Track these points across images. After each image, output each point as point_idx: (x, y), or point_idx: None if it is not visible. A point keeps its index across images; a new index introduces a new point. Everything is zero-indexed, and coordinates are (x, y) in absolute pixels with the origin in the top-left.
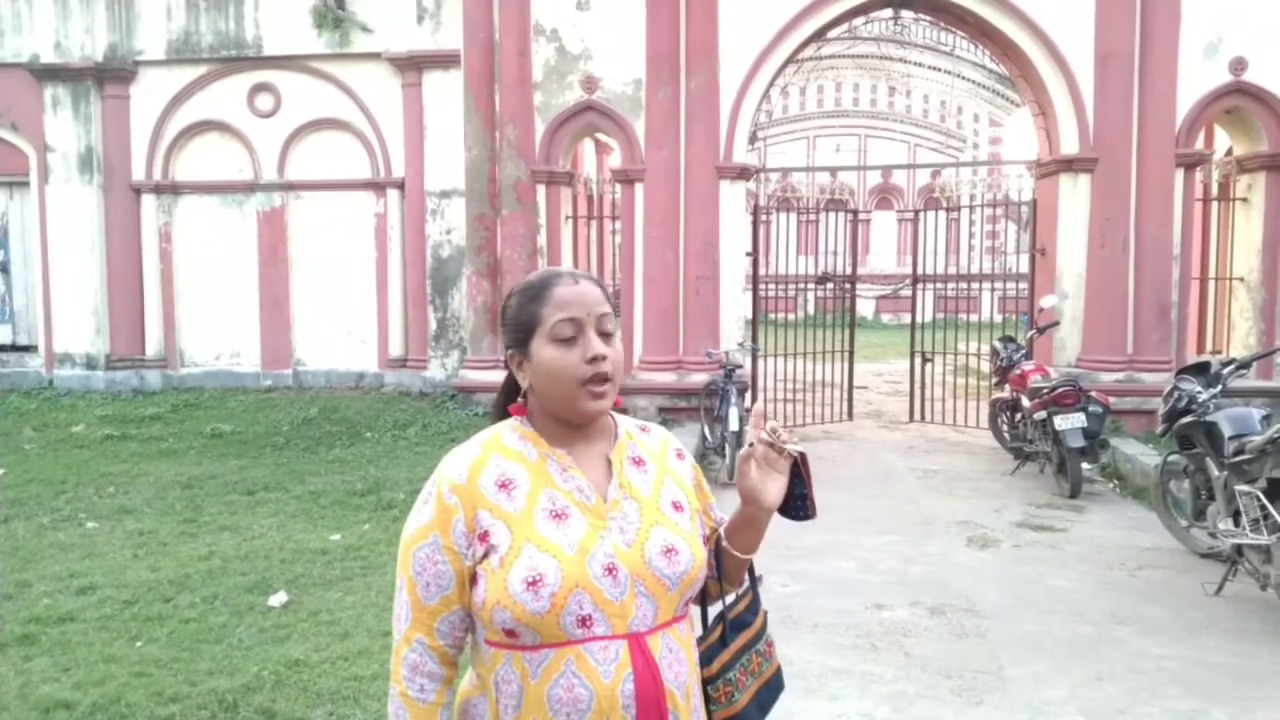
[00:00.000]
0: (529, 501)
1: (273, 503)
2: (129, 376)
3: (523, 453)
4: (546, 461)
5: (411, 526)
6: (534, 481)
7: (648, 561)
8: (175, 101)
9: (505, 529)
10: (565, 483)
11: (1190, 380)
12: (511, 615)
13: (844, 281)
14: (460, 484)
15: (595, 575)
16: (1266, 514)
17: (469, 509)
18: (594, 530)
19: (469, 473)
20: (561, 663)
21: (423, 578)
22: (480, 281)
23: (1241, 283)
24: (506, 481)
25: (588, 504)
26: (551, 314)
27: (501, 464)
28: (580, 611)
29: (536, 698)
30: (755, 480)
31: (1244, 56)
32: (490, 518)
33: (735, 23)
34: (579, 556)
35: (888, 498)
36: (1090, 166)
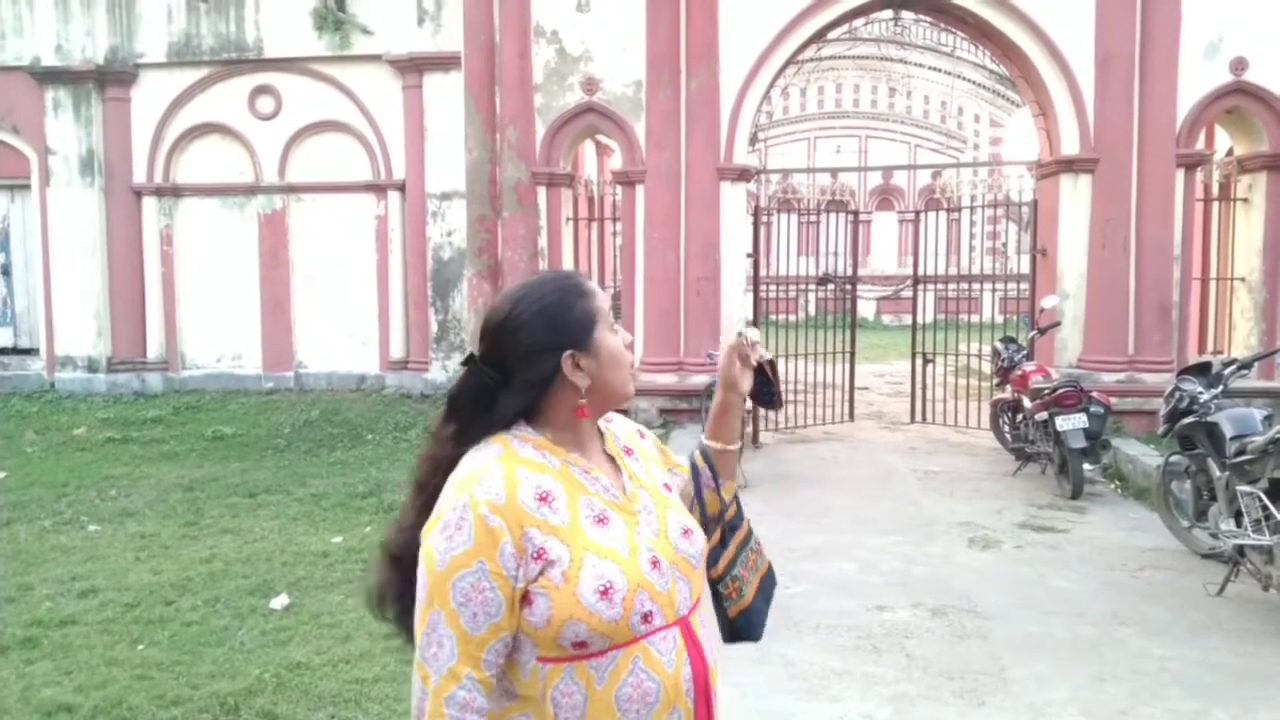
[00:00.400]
0: (571, 511)
1: (274, 505)
2: (130, 379)
3: (544, 463)
4: (569, 469)
5: (444, 556)
6: (568, 491)
7: (675, 546)
8: (176, 104)
9: (560, 543)
10: (593, 486)
11: (1191, 381)
12: (587, 627)
13: (845, 282)
14: (500, 504)
15: (647, 571)
16: (1268, 514)
17: (515, 529)
18: (631, 527)
19: (506, 491)
20: (629, 661)
21: (468, 608)
22: (481, 283)
23: (1243, 283)
24: (544, 495)
25: (617, 503)
26: (602, 305)
27: (531, 477)
28: (643, 609)
29: (604, 702)
30: (736, 372)
31: (1244, 56)
32: (541, 534)
33: (735, 24)
34: (632, 557)
35: (889, 499)
36: (1091, 167)
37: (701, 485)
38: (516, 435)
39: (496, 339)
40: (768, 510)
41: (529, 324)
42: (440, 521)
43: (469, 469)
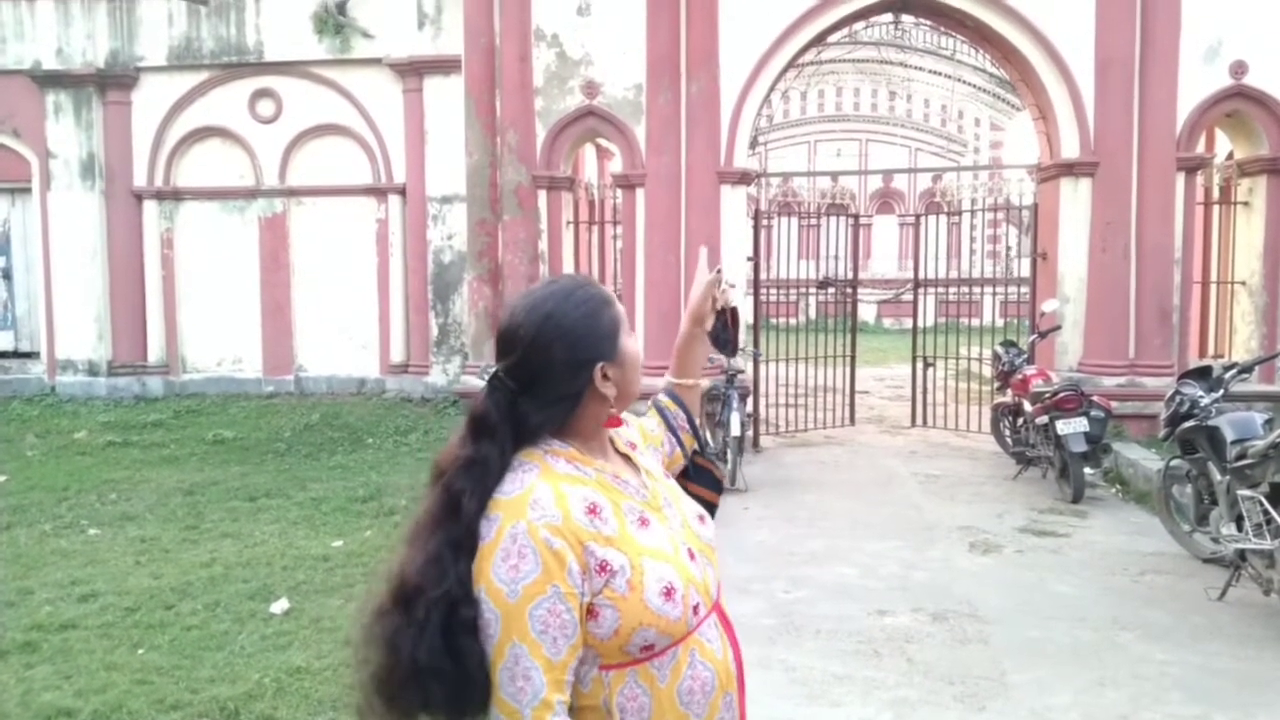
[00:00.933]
0: (618, 519)
1: (274, 509)
2: (131, 383)
3: (582, 476)
4: (603, 476)
5: (514, 588)
6: (610, 499)
7: (698, 534)
8: (177, 107)
9: (618, 552)
10: (626, 490)
11: (1192, 385)
12: (656, 630)
13: (845, 286)
14: (559, 525)
15: (688, 564)
16: (1269, 519)
17: (576, 547)
18: (665, 523)
19: (560, 510)
20: (687, 655)
21: (548, 634)
22: (482, 287)
23: (1243, 286)
24: (592, 507)
25: (647, 501)
26: (622, 311)
27: (576, 491)
28: (694, 600)
29: (669, 699)
30: (706, 308)
31: (1244, 60)
32: (599, 547)
33: (735, 28)
34: (676, 553)
35: (890, 503)
36: (1091, 170)
37: (676, 426)
38: (548, 451)
39: (530, 352)
40: (768, 514)
41: (564, 338)
42: (498, 551)
43: (514, 492)
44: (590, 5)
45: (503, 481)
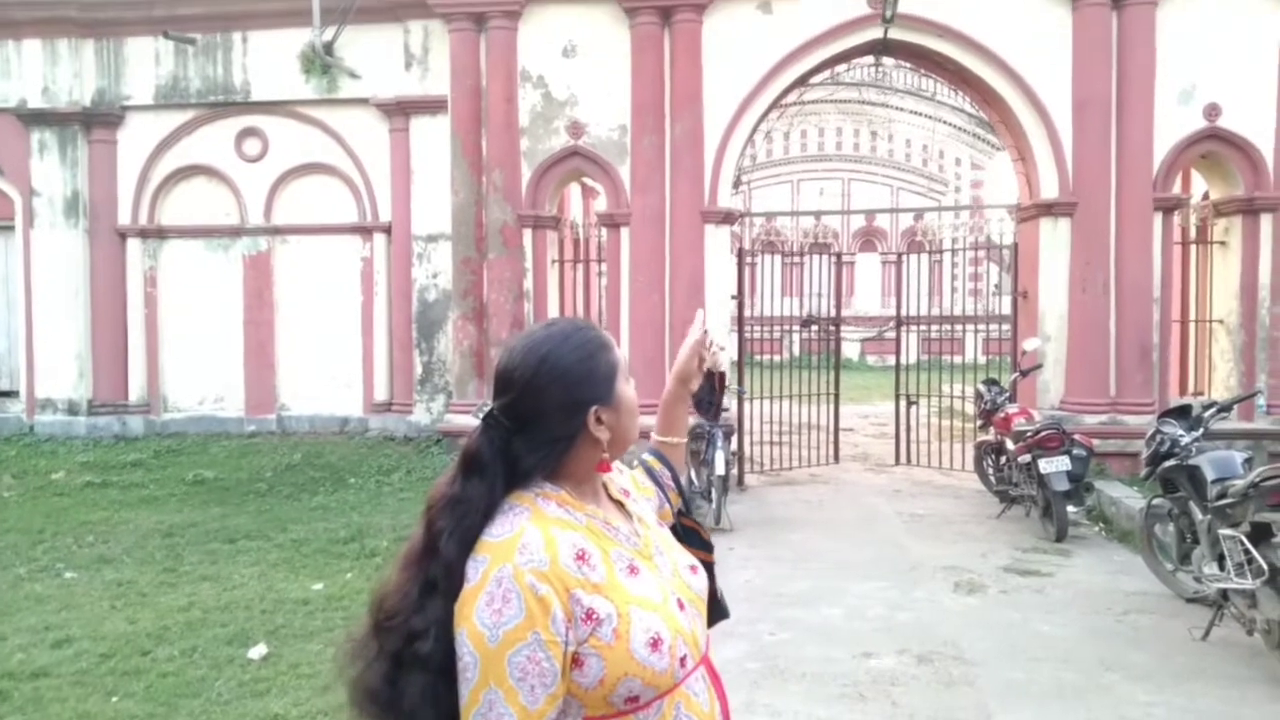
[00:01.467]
0: (607, 566)
1: (254, 551)
2: (111, 422)
3: (572, 521)
4: (593, 522)
5: (495, 632)
6: (599, 545)
7: (688, 584)
8: (162, 146)
9: (605, 600)
10: (616, 536)
11: (1172, 424)
12: (642, 681)
13: (828, 324)
14: (545, 570)
15: (677, 614)
16: (1250, 558)
17: (562, 594)
18: (655, 572)
19: (548, 555)
20: (673, 708)
21: (526, 682)
22: (466, 325)
23: (1221, 325)
24: (581, 554)
25: (638, 549)
26: (619, 356)
27: (565, 536)
28: (681, 652)
29: None
30: (693, 368)
31: (1217, 103)
32: (586, 594)
33: (719, 70)
34: (665, 603)
35: (874, 543)
36: (1070, 210)
37: (663, 485)
38: (539, 494)
39: (525, 392)
40: (754, 555)
41: (560, 380)
42: (482, 594)
43: (504, 535)
44: (576, 47)
45: (492, 523)
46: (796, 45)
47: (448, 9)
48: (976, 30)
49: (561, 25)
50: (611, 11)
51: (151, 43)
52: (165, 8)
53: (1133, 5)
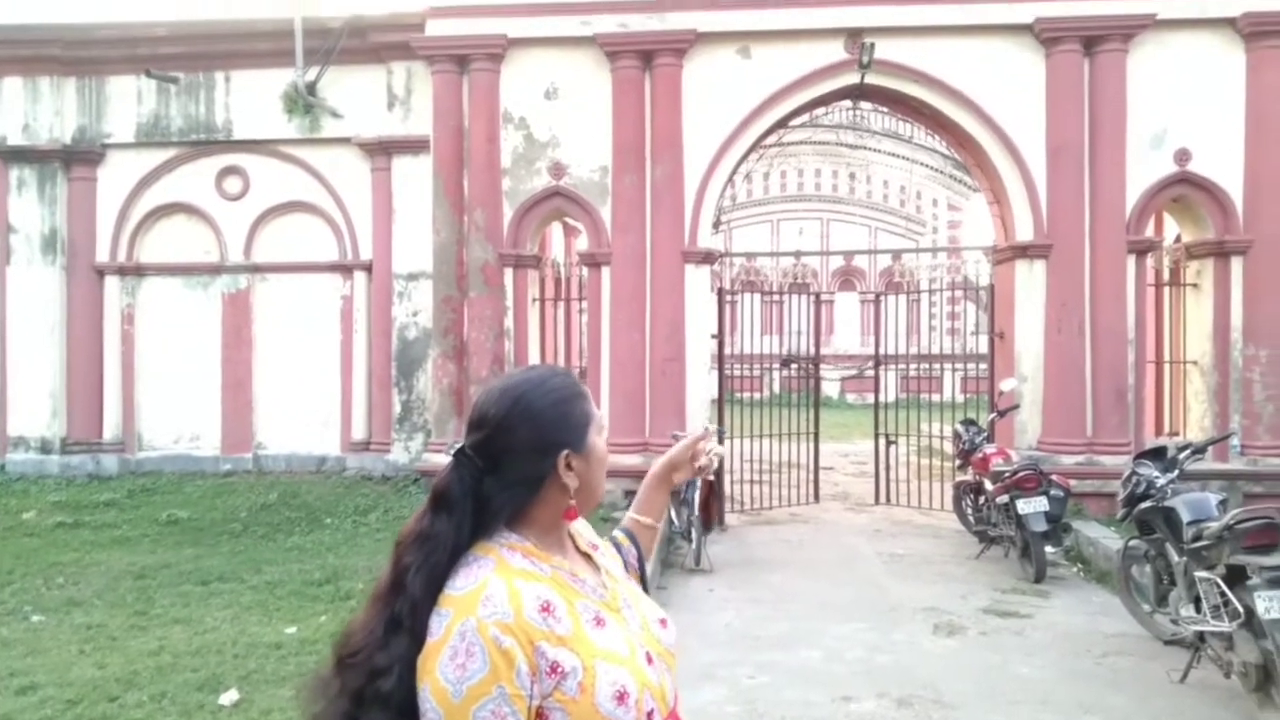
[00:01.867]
0: (573, 618)
1: (227, 593)
2: (85, 461)
3: (537, 572)
4: (559, 574)
5: (459, 687)
6: (565, 597)
7: (658, 638)
8: (143, 184)
9: (570, 653)
10: (583, 589)
11: (1147, 465)
12: None
13: (807, 364)
14: (510, 623)
15: (645, 668)
16: (1226, 601)
17: (526, 646)
18: (623, 625)
19: (512, 608)
20: None
21: None
22: (446, 363)
23: (1195, 366)
24: (546, 605)
25: (605, 602)
26: (594, 408)
27: (530, 588)
28: (648, 707)
29: None
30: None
31: (1188, 148)
32: (551, 647)
33: (699, 113)
34: (632, 656)
35: (854, 583)
36: (1045, 253)
37: (628, 564)
38: (503, 544)
39: (497, 431)
40: (733, 596)
41: (534, 420)
42: (446, 649)
43: (467, 587)
44: (558, 90)
45: (455, 575)
46: (775, 90)
47: (431, 51)
48: (952, 76)
49: (543, 68)
50: (593, 55)
51: (134, 81)
52: (149, 47)
53: (1104, 52)
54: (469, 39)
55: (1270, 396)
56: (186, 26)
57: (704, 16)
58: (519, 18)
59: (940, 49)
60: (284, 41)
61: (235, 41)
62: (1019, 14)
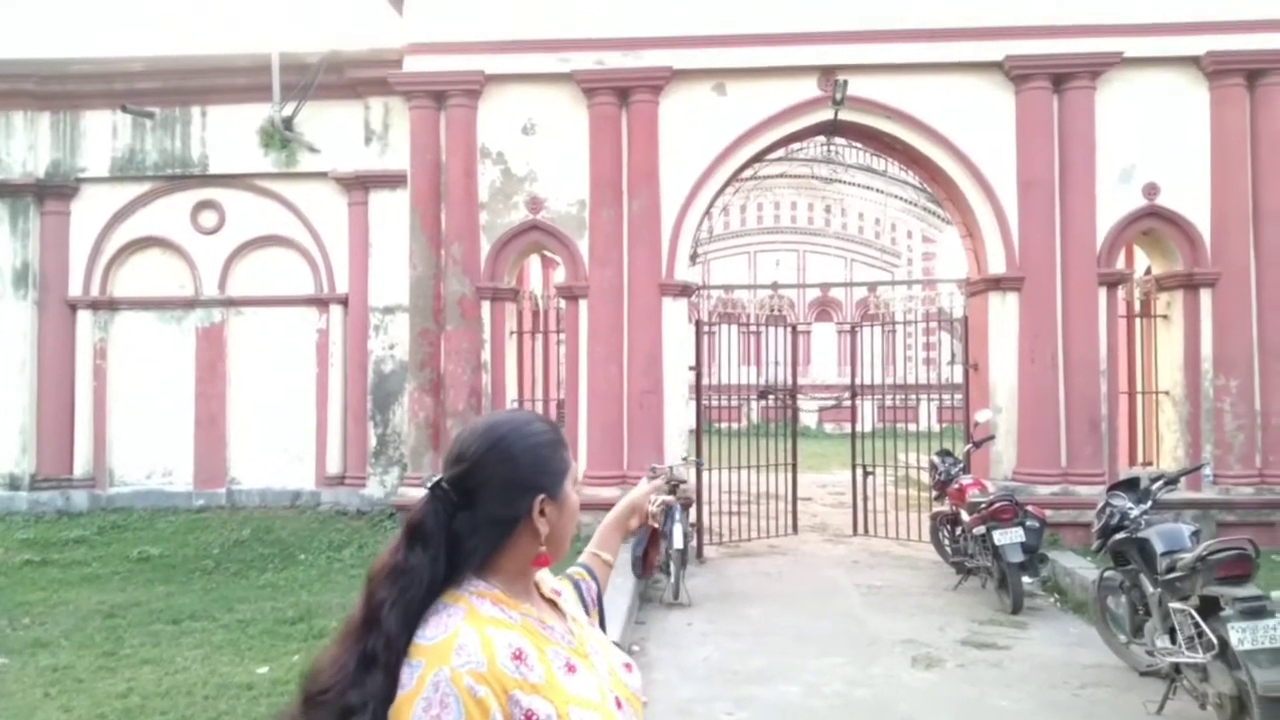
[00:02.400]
0: (544, 665)
1: (199, 632)
2: (54, 497)
3: (506, 619)
4: (528, 621)
5: None
6: (535, 644)
7: (625, 682)
8: (117, 218)
9: (544, 700)
10: (552, 635)
11: (1121, 496)
12: None
13: (785, 395)
14: (483, 672)
15: (615, 713)
16: (1201, 632)
17: (500, 695)
18: (593, 671)
19: (485, 656)
20: None
21: None
22: (422, 397)
23: (1167, 396)
24: (518, 653)
25: (573, 648)
26: (571, 461)
27: (501, 636)
28: None
29: None
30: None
31: (1156, 182)
32: (525, 695)
33: (675, 148)
34: (604, 701)
35: (832, 616)
36: (1017, 285)
37: (587, 600)
38: (473, 592)
39: (475, 467)
40: (712, 630)
41: (516, 459)
42: (419, 700)
43: (438, 637)
44: (535, 125)
45: (425, 625)
46: (750, 126)
47: (408, 87)
48: (924, 112)
49: (521, 104)
50: (570, 92)
51: (109, 116)
52: (125, 82)
53: (1073, 89)
54: (447, 75)
55: (1241, 426)
56: (163, 62)
57: (679, 54)
58: (496, 55)
59: (912, 86)
60: (261, 77)
61: (212, 77)
62: (989, 52)
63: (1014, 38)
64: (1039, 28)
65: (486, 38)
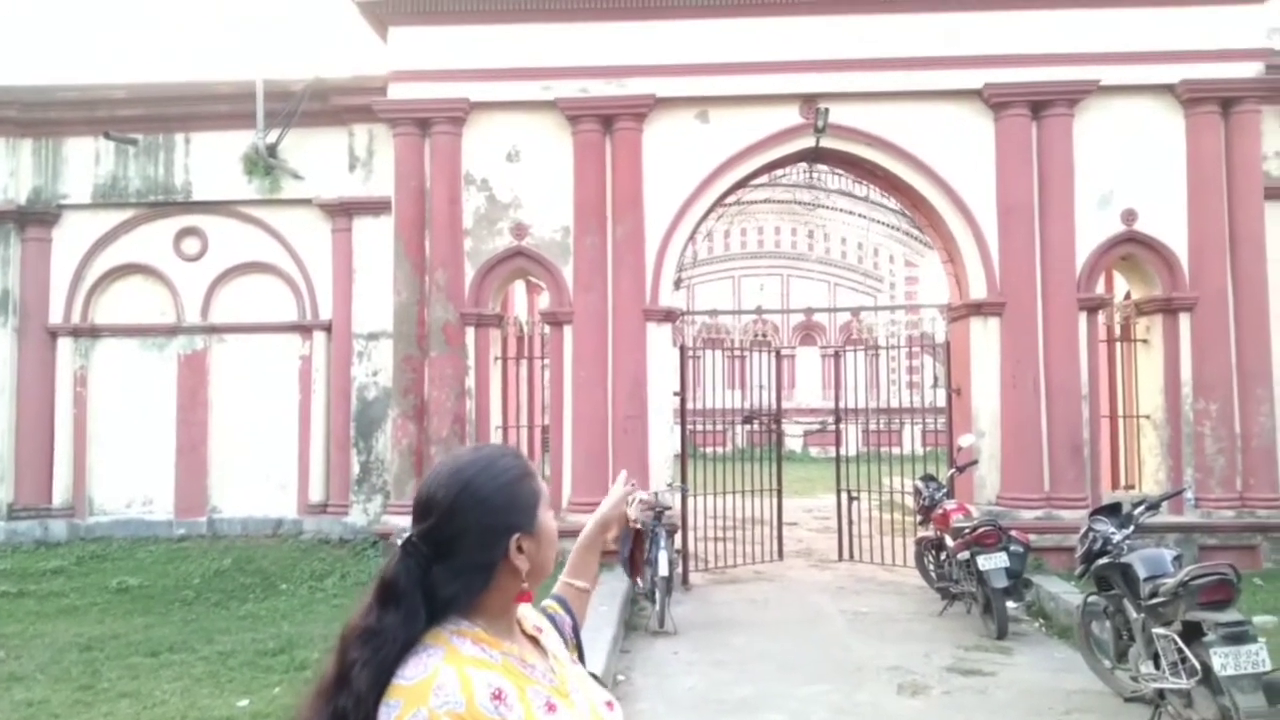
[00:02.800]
0: (524, 705)
1: (178, 665)
2: (32, 527)
3: (487, 659)
4: (509, 660)
5: None
6: (516, 684)
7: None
8: (99, 244)
9: None
10: (533, 674)
11: (1103, 521)
12: None
13: (770, 420)
14: (461, 713)
15: None
16: (1184, 657)
17: None
18: (573, 710)
19: (464, 697)
20: None
21: None
22: (406, 423)
23: (1148, 420)
24: (497, 693)
25: (555, 686)
26: (542, 485)
27: (481, 675)
28: None
29: None
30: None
31: (1134, 208)
32: None
33: (659, 175)
34: None
35: (818, 643)
36: (998, 310)
37: (563, 633)
38: (453, 631)
39: (446, 517)
40: (697, 658)
41: (487, 502)
42: None
43: (417, 677)
44: (520, 152)
45: (404, 665)
46: (733, 153)
47: (393, 114)
48: (904, 140)
49: (505, 131)
50: (554, 119)
51: (92, 143)
52: (108, 109)
53: (1051, 116)
54: (431, 103)
55: (1222, 449)
56: (146, 89)
57: (662, 82)
58: (481, 82)
59: (893, 114)
60: (245, 104)
61: (195, 104)
62: (968, 80)
63: (992, 66)
64: (1017, 56)
65: (471, 65)
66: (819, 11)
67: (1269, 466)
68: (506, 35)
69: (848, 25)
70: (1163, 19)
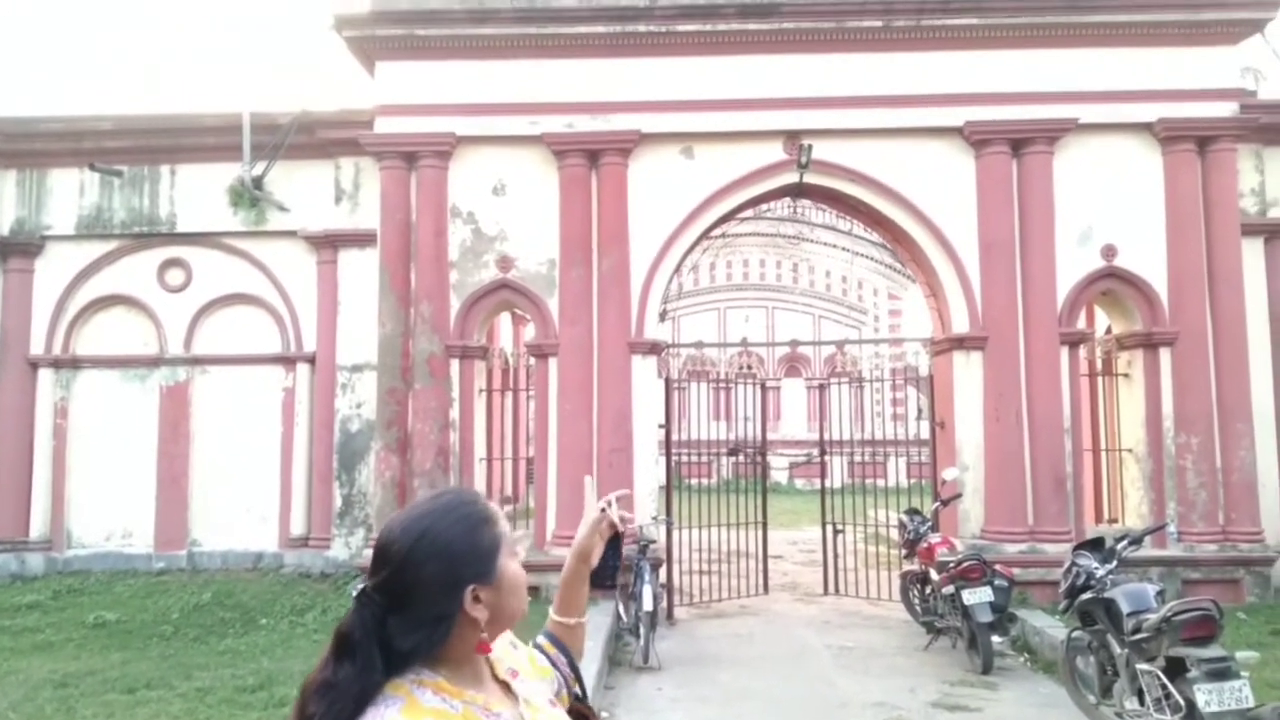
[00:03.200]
0: None
1: (155, 702)
2: (8, 560)
3: (447, 709)
4: (471, 710)
5: None
6: None
7: None
8: (82, 275)
9: None
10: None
11: (1087, 555)
12: None
13: (755, 452)
14: None
15: None
16: (1168, 693)
17: None
18: None
19: None
20: None
21: None
22: (389, 456)
23: (1131, 454)
24: None
25: None
26: (505, 529)
27: None
28: None
29: None
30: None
31: (1114, 244)
32: None
33: (644, 209)
34: None
35: (804, 679)
36: (981, 344)
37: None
38: (414, 682)
39: (399, 571)
40: (681, 695)
41: (438, 556)
42: None
43: None
44: (505, 186)
45: (363, 716)
46: (718, 188)
47: (379, 148)
48: (887, 176)
49: (491, 165)
50: (540, 153)
51: (76, 174)
52: (93, 141)
53: (1031, 154)
54: (418, 137)
55: (1204, 483)
56: (132, 120)
57: (648, 118)
58: (467, 117)
59: (875, 150)
60: (231, 136)
61: (181, 136)
62: (949, 118)
63: (973, 104)
64: (997, 94)
65: (457, 100)
66: (802, 50)
67: (1250, 500)
68: (493, 71)
69: (831, 63)
70: (1140, 59)
